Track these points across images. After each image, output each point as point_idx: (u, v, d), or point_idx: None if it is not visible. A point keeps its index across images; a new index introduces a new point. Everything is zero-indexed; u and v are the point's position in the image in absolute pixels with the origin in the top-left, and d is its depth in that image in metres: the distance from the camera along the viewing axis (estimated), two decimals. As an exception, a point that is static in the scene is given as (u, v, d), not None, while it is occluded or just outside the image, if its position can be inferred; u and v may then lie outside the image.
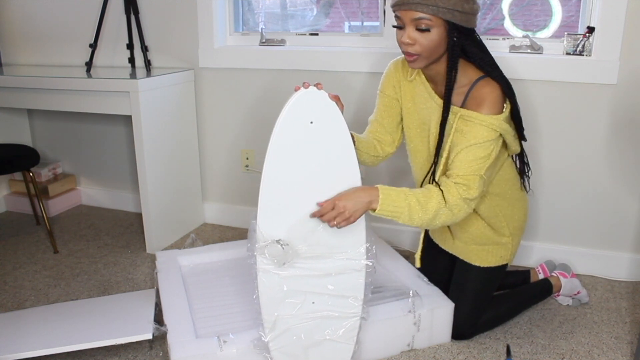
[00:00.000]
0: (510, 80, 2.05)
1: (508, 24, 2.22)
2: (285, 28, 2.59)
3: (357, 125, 1.92)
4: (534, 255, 2.19)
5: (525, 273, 2.02)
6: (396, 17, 1.46)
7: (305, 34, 2.46)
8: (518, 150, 1.63)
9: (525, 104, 2.07)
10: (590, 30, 1.97)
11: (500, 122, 1.46)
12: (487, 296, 1.75)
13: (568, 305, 1.93)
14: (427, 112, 1.60)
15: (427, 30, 1.41)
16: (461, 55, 1.49)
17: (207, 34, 2.44)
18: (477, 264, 1.70)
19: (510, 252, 1.72)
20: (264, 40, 2.47)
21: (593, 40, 1.96)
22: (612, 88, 1.95)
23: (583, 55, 2.01)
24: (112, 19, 2.60)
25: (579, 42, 2.01)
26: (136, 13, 2.48)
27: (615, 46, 1.91)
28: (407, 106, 1.66)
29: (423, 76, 1.60)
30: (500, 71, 1.53)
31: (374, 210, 1.42)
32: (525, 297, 1.89)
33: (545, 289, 1.91)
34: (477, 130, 1.46)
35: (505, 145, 1.57)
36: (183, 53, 2.52)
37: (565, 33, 2.04)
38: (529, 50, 2.09)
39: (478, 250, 1.70)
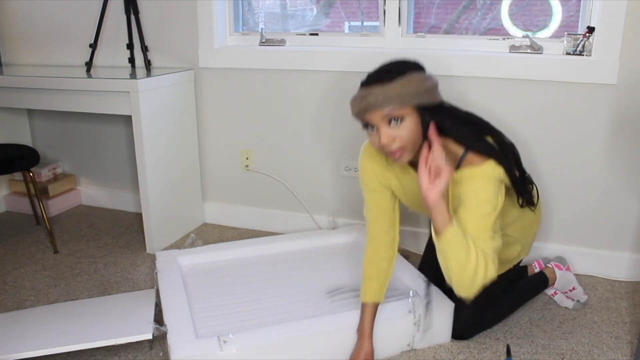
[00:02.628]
0: (510, 80, 2.07)
1: (508, 24, 2.22)
2: (285, 28, 2.59)
3: (356, 125, 1.92)
4: (534, 255, 2.19)
5: (522, 269, 2.04)
6: (364, 122, 1.39)
7: (305, 34, 2.46)
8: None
9: (525, 104, 2.07)
10: (590, 30, 1.97)
11: (494, 167, 1.37)
12: (491, 300, 1.75)
13: (567, 308, 1.91)
14: (416, 191, 1.55)
15: (401, 119, 1.34)
16: (441, 133, 1.40)
17: (207, 34, 2.44)
18: None
19: (517, 259, 1.73)
20: (264, 40, 2.47)
21: (593, 40, 1.96)
22: (612, 88, 1.95)
23: (583, 55, 2.01)
24: (112, 19, 2.60)
25: (579, 42, 2.01)
26: (136, 13, 2.48)
27: (615, 46, 1.91)
28: (395, 184, 1.59)
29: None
30: (487, 131, 1.44)
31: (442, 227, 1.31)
32: (523, 292, 1.90)
33: (541, 282, 1.94)
34: (476, 183, 1.37)
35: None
36: (183, 53, 2.52)
37: (565, 33, 2.04)
38: (529, 50, 2.09)
39: None
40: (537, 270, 2.02)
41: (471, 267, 1.29)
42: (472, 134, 1.43)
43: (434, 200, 1.28)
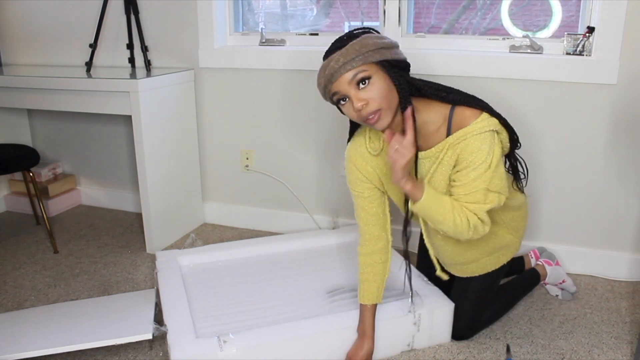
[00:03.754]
0: (510, 80, 2.07)
1: (508, 24, 2.22)
2: (285, 28, 2.59)
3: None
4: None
5: (520, 260, 2.06)
6: (333, 95, 1.37)
7: (305, 34, 2.46)
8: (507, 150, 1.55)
9: (524, 104, 2.07)
10: (590, 30, 1.97)
11: (486, 119, 1.38)
12: (489, 297, 1.75)
13: (557, 296, 1.97)
14: None
15: (368, 79, 1.32)
16: (414, 94, 1.42)
17: (207, 34, 2.44)
18: (478, 274, 1.70)
19: (512, 252, 1.72)
20: (264, 40, 2.47)
21: (593, 40, 1.96)
22: (612, 88, 1.95)
23: (583, 55, 2.01)
24: (112, 19, 2.60)
25: (579, 42, 2.01)
26: (136, 13, 2.48)
27: (615, 46, 1.91)
28: (382, 178, 1.58)
29: (387, 146, 1.49)
30: (463, 92, 1.45)
31: (417, 199, 1.38)
32: (518, 289, 1.92)
33: (534, 278, 1.97)
34: (471, 145, 1.38)
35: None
36: (183, 53, 2.52)
37: (565, 33, 2.04)
38: (529, 50, 2.09)
39: (475, 265, 1.69)
40: (532, 259, 2.06)
41: (456, 221, 1.38)
42: (453, 90, 1.43)
43: (398, 182, 1.36)
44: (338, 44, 1.37)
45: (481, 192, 1.39)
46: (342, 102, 1.38)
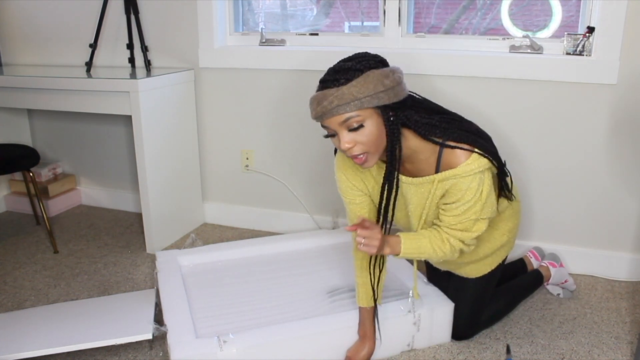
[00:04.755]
0: (510, 80, 2.07)
1: (508, 24, 2.22)
2: (285, 28, 2.59)
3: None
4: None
5: (521, 262, 2.06)
6: (323, 126, 1.34)
7: (305, 34, 2.46)
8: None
9: (524, 104, 2.07)
10: (590, 30, 1.97)
11: (477, 160, 1.36)
12: (487, 296, 1.75)
13: (559, 295, 1.98)
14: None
15: (360, 125, 1.28)
16: (407, 128, 1.37)
17: (207, 34, 2.44)
18: (474, 276, 1.69)
19: (507, 250, 1.72)
20: (264, 40, 2.47)
21: (593, 40, 1.96)
22: (612, 88, 1.95)
23: (583, 55, 2.01)
24: (112, 19, 2.60)
25: (579, 42, 2.01)
26: (136, 13, 2.48)
27: (615, 46, 1.91)
28: (372, 186, 1.56)
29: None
30: (461, 125, 1.42)
31: (397, 254, 1.44)
32: (520, 290, 1.91)
33: (537, 280, 1.97)
34: (460, 185, 1.37)
35: None
36: (183, 53, 2.52)
37: (565, 33, 2.04)
38: (529, 50, 2.09)
39: (471, 267, 1.69)
40: (532, 259, 2.06)
41: (438, 255, 1.45)
42: (446, 127, 1.38)
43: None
44: (337, 77, 1.29)
45: (471, 222, 1.41)
46: (331, 137, 1.35)
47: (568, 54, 2.03)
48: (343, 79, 1.28)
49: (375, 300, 1.57)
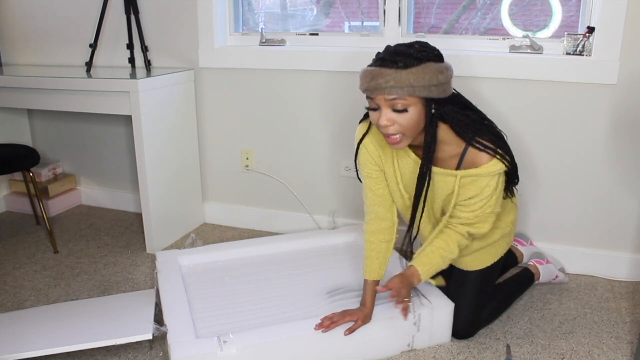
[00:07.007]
0: (510, 80, 2.07)
1: (508, 24, 2.22)
2: (285, 28, 2.59)
3: (354, 122, 1.92)
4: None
5: (510, 252, 2.06)
6: (368, 98, 1.41)
7: (305, 34, 2.46)
8: None
9: (525, 104, 2.07)
10: (590, 30, 1.97)
11: (497, 163, 1.47)
12: (488, 291, 1.76)
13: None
14: (413, 175, 1.59)
15: (405, 110, 1.37)
16: (443, 122, 1.46)
17: (207, 34, 2.44)
18: (474, 269, 1.72)
19: (508, 242, 1.75)
20: (264, 40, 2.47)
21: (593, 40, 1.96)
22: (612, 88, 1.95)
23: (583, 55, 2.01)
24: (112, 19, 2.60)
25: (579, 42, 2.01)
26: (136, 13, 2.48)
27: (615, 46, 1.91)
28: (389, 171, 1.62)
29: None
30: (489, 128, 1.52)
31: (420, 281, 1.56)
32: (513, 288, 1.93)
33: (528, 277, 1.99)
34: (480, 182, 1.49)
35: None
36: (183, 53, 2.52)
37: (565, 33, 2.04)
38: (529, 50, 2.09)
39: (474, 257, 1.71)
40: (518, 246, 2.10)
41: (452, 258, 1.58)
42: (478, 128, 1.47)
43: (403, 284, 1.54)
44: (398, 60, 1.34)
45: (487, 214, 1.53)
46: (373, 109, 1.41)
47: (568, 54, 2.03)
48: (402, 63, 1.34)
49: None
